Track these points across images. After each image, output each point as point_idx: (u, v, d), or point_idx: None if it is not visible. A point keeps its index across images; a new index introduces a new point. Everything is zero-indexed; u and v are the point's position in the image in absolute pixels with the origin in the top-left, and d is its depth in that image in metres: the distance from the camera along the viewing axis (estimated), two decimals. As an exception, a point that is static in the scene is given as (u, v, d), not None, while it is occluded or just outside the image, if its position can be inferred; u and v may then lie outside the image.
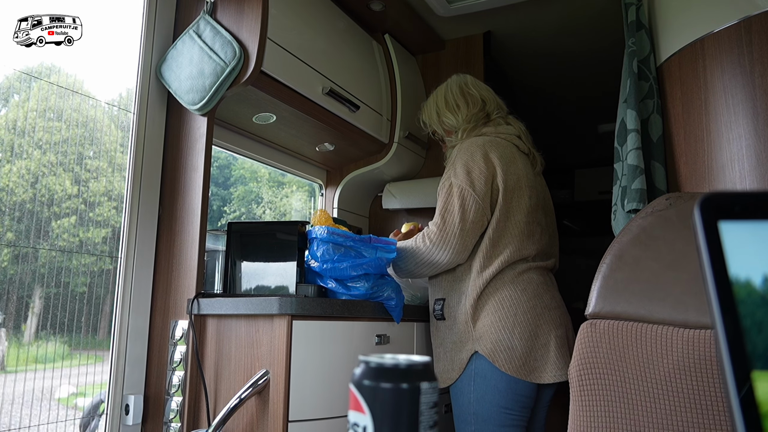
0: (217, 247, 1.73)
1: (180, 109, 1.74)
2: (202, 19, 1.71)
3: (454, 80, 1.92)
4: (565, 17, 2.45)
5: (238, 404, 1.40)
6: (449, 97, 1.87)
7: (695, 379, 0.86)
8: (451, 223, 1.64)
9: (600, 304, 0.98)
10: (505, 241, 1.66)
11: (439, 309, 1.72)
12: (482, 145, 1.72)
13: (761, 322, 0.31)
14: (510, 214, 1.68)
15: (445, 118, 1.86)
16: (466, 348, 1.64)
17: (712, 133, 1.53)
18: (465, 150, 1.73)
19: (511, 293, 1.63)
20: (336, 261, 1.56)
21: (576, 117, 3.58)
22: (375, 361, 0.45)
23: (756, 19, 1.45)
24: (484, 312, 1.63)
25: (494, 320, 1.61)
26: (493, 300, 1.63)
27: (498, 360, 1.58)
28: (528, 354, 1.59)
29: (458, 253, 1.65)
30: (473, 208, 1.64)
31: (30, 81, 1.55)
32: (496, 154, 1.70)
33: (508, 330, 1.59)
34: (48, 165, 1.57)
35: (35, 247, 1.52)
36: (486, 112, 1.85)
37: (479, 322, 1.62)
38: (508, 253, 1.65)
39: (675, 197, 1.01)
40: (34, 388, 1.49)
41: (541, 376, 1.59)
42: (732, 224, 0.32)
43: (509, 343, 1.59)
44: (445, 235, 1.64)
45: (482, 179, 1.66)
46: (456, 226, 1.64)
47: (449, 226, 1.64)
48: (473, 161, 1.69)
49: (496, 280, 1.64)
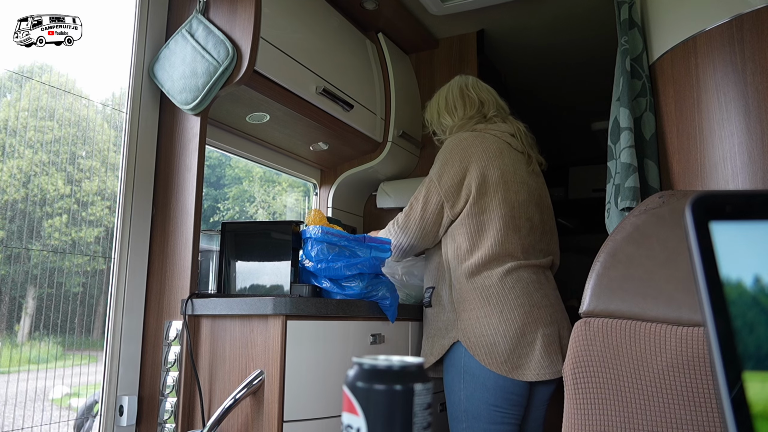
0: (211, 247, 1.73)
1: (173, 108, 1.74)
2: (195, 19, 1.71)
3: (456, 81, 1.95)
4: (558, 16, 2.46)
5: (232, 405, 1.40)
6: (449, 98, 1.92)
7: (689, 376, 0.87)
8: (414, 211, 1.77)
9: (594, 303, 0.98)
10: (487, 234, 1.68)
11: (428, 297, 1.78)
12: (464, 140, 1.77)
13: (752, 322, 0.31)
14: (487, 207, 1.70)
15: (443, 119, 1.91)
16: (449, 335, 1.67)
17: (704, 130, 1.54)
18: (446, 145, 1.80)
19: (498, 291, 1.64)
20: (330, 260, 1.56)
21: (569, 115, 3.58)
22: (368, 362, 0.45)
23: (748, 17, 1.46)
24: (469, 304, 1.65)
25: (480, 315, 1.62)
26: (480, 294, 1.64)
27: (479, 354, 1.60)
28: (512, 351, 1.60)
29: (418, 239, 1.77)
30: (434, 200, 1.74)
31: (22, 80, 1.54)
32: (479, 148, 1.74)
33: (492, 327, 1.61)
34: (40, 164, 1.56)
35: (27, 248, 1.51)
36: (482, 114, 1.87)
37: (464, 314, 1.65)
38: (489, 245, 1.67)
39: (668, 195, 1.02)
40: (28, 388, 1.49)
41: (524, 374, 1.60)
42: (723, 225, 0.33)
43: (492, 339, 1.60)
44: (407, 222, 1.78)
45: (451, 173, 1.73)
46: (417, 214, 1.76)
47: (412, 214, 1.78)
48: (450, 155, 1.75)
49: (483, 275, 1.65)
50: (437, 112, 1.93)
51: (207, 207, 2.30)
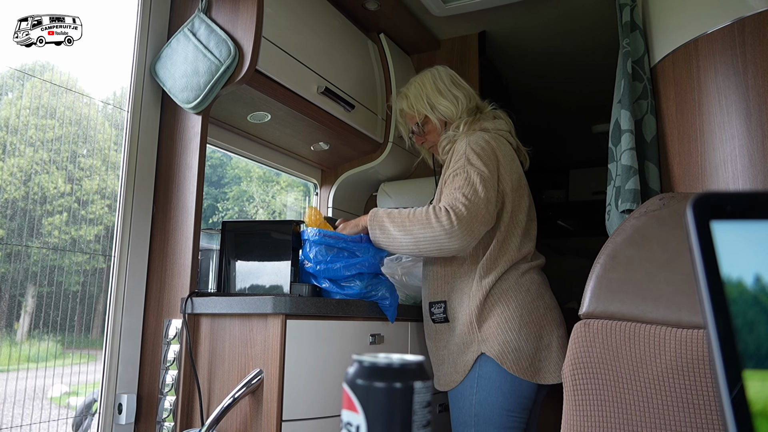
0: (211, 246, 1.73)
1: (174, 107, 1.74)
2: (197, 18, 1.71)
3: (441, 71, 1.86)
4: (559, 17, 2.46)
5: (231, 403, 1.40)
6: (441, 87, 1.81)
7: (688, 378, 0.87)
8: (476, 204, 1.50)
9: (594, 304, 0.98)
10: (510, 242, 1.65)
11: (441, 312, 1.67)
12: (489, 141, 1.67)
13: (753, 321, 0.31)
14: (514, 214, 1.66)
15: (442, 107, 1.79)
16: (471, 350, 1.60)
17: (705, 133, 1.54)
18: (475, 144, 1.64)
19: (516, 294, 1.61)
20: (329, 262, 1.56)
21: (570, 117, 3.58)
22: (368, 360, 0.45)
23: (749, 20, 1.46)
24: (489, 313, 1.60)
25: (500, 321, 1.58)
26: (499, 301, 1.61)
27: (506, 362, 1.56)
28: (534, 355, 1.58)
29: (469, 242, 1.52)
30: (493, 200, 1.56)
31: (23, 79, 1.54)
32: (501, 152, 1.67)
33: (515, 331, 1.57)
34: (41, 163, 1.56)
35: (27, 245, 1.51)
36: (476, 104, 1.83)
37: (485, 324, 1.59)
38: (512, 253, 1.63)
39: (668, 197, 1.02)
40: (27, 387, 1.49)
41: (545, 377, 1.58)
42: (724, 224, 0.33)
43: (516, 344, 1.57)
44: (472, 218, 1.49)
45: (495, 177, 1.60)
46: (482, 209, 1.51)
47: (475, 209, 1.50)
48: (487, 157, 1.62)
49: (501, 281, 1.62)
50: (427, 102, 1.80)
51: (207, 206, 2.30)
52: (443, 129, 1.81)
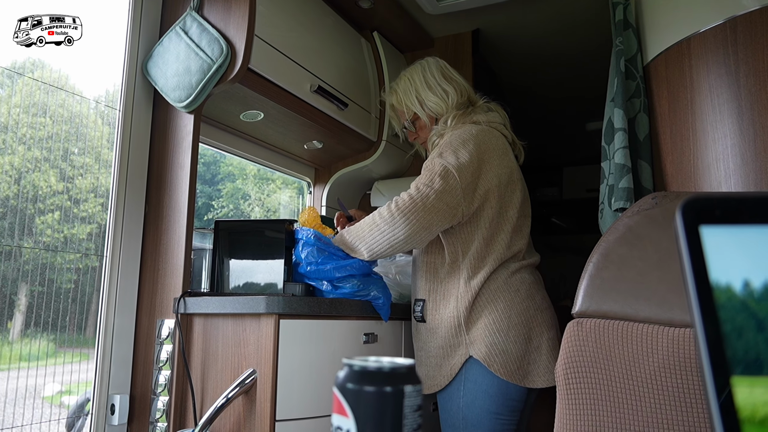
0: (204, 245, 1.72)
1: (166, 106, 1.73)
2: (189, 16, 1.70)
3: (432, 63, 1.80)
4: (553, 16, 2.46)
5: (224, 404, 1.40)
6: (431, 81, 1.76)
7: (680, 377, 0.87)
8: (425, 195, 1.50)
9: (586, 303, 0.99)
10: (498, 239, 1.60)
11: (419, 311, 1.65)
12: (476, 135, 1.62)
13: (741, 327, 0.31)
14: (503, 210, 1.62)
15: (431, 103, 1.75)
16: (458, 353, 1.56)
17: (697, 132, 1.54)
18: (457, 137, 1.62)
19: (504, 295, 1.57)
20: (320, 263, 1.55)
21: (564, 115, 3.59)
22: (358, 364, 0.45)
23: (741, 19, 1.46)
24: (479, 316, 1.56)
25: (488, 323, 1.54)
26: (488, 303, 1.56)
27: (494, 364, 1.52)
28: (522, 357, 1.54)
29: (417, 231, 1.49)
30: (451, 191, 1.52)
31: (14, 76, 1.53)
32: (491, 145, 1.62)
33: (502, 333, 1.53)
34: (33, 161, 1.55)
35: (19, 245, 1.50)
36: (468, 98, 1.79)
37: (474, 326, 1.56)
38: (500, 251, 1.59)
39: (661, 196, 1.02)
40: (19, 386, 1.48)
41: (534, 381, 1.55)
42: (713, 229, 0.33)
43: (504, 346, 1.53)
44: (413, 206, 1.49)
45: (470, 170, 1.55)
46: (430, 200, 1.49)
47: (421, 198, 1.50)
48: (465, 149, 1.58)
49: (490, 282, 1.58)
50: (416, 97, 1.76)
51: (201, 204, 2.29)
52: (433, 124, 1.79)
